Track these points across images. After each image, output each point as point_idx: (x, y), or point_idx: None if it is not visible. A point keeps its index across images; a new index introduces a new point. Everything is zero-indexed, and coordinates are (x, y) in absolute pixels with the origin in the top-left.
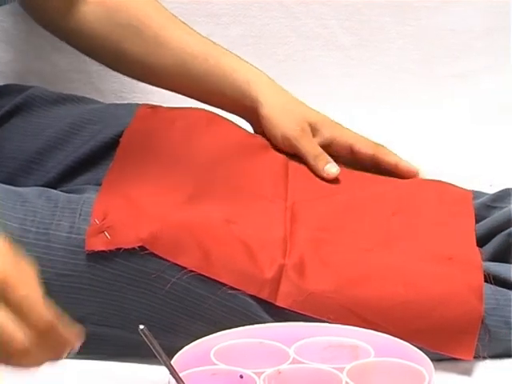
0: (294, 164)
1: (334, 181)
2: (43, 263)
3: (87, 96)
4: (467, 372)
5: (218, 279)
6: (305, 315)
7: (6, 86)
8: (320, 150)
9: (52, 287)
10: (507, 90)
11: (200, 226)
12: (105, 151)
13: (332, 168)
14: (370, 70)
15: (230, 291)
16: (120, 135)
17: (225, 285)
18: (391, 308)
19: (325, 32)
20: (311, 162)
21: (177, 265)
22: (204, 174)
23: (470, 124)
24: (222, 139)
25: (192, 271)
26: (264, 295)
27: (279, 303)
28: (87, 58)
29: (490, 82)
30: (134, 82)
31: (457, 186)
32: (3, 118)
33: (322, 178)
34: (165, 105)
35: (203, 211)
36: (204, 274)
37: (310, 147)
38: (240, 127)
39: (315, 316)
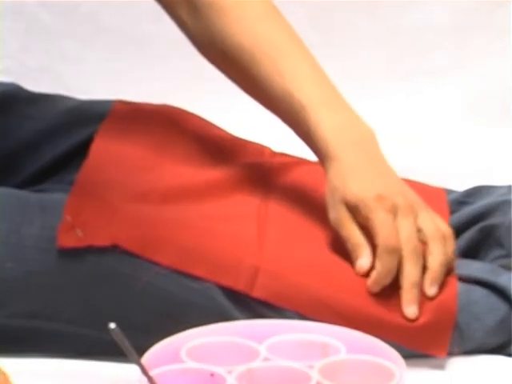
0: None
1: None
2: (14, 261)
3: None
4: (439, 368)
5: (193, 273)
6: (280, 308)
7: None
8: (357, 238)
9: (23, 285)
10: (475, 87)
11: (174, 223)
12: (79, 151)
13: (362, 263)
14: (340, 69)
15: (206, 284)
16: (94, 134)
17: (201, 278)
18: (365, 305)
19: None
20: (349, 246)
21: (150, 263)
22: (178, 176)
23: (440, 121)
24: (196, 140)
25: (167, 267)
26: (240, 287)
27: (255, 294)
28: (56, 58)
29: (459, 78)
30: (102, 79)
31: (430, 185)
32: None
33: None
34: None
35: (177, 210)
36: (180, 268)
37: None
38: (213, 125)
39: (291, 308)
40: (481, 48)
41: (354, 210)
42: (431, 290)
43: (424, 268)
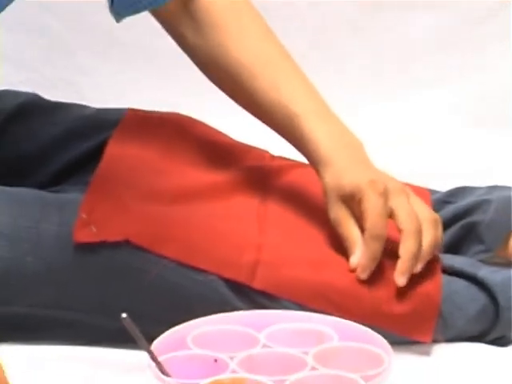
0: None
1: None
2: (34, 255)
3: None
4: (425, 354)
5: (199, 266)
6: (278, 298)
7: (2, 91)
8: (353, 236)
9: (42, 277)
10: (474, 91)
11: (181, 221)
12: (94, 154)
13: (353, 259)
14: (343, 76)
15: (210, 277)
16: (107, 139)
17: (205, 271)
18: (356, 294)
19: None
20: (346, 244)
21: (159, 257)
22: (185, 178)
23: (440, 125)
24: (202, 145)
25: (175, 261)
26: (241, 278)
27: (255, 285)
28: (75, 70)
29: (444, 90)
30: (116, 89)
31: (415, 186)
32: (1, 126)
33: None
34: None
35: (184, 210)
36: (186, 262)
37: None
38: (217, 131)
39: (288, 297)
40: (480, 52)
41: (349, 200)
42: (418, 267)
43: None
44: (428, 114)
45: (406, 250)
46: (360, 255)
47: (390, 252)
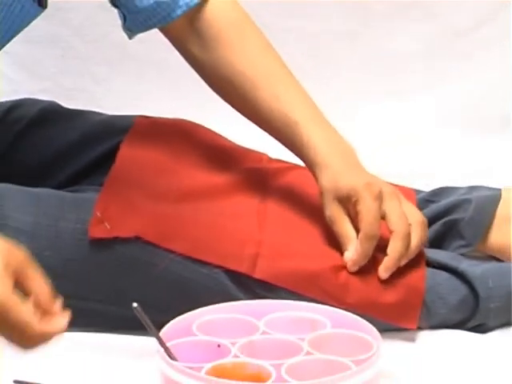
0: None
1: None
2: (52, 250)
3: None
4: (410, 341)
5: (203, 260)
6: (276, 289)
7: (23, 100)
8: (348, 234)
9: (60, 270)
10: (458, 98)
11: (187, 218)
12: (108, 157)
13: (348, 254)
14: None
15: (213, 270)
16: (120, 143)
17: (209, 264)
18: (347, 284)
19: (287, 57)
20: (340, 240)
21: (166, 252)
22: (190, 179)
23: (439, 128)
24: (206, 148)
25: (181, 255)
26: (243, 269)
27: (256, 275)
28: (89, 80)
29: (444, 90)
30: (130, 99)
31: (402, 186)
32: (22, 131)
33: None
34: None
35: (190, 208)
36: (191, 256)
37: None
38: (219, 135)
39: (286, 286)
40: (480, 52)
41: (345, 201)
42: (402, 262)
43: None
44: (428, 114)
45: (393, 249)
46: (353, 251)
47: (380, 248)
